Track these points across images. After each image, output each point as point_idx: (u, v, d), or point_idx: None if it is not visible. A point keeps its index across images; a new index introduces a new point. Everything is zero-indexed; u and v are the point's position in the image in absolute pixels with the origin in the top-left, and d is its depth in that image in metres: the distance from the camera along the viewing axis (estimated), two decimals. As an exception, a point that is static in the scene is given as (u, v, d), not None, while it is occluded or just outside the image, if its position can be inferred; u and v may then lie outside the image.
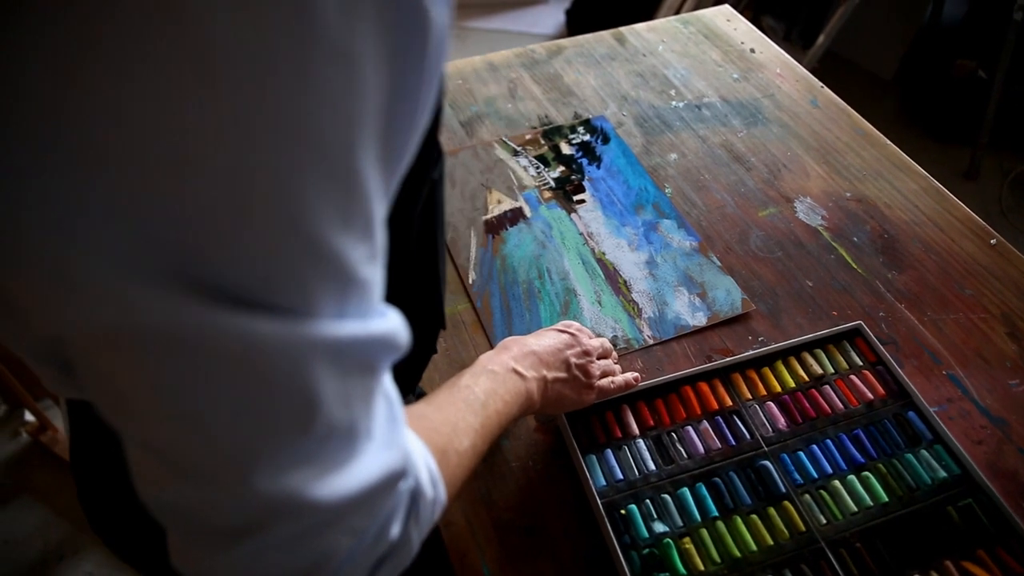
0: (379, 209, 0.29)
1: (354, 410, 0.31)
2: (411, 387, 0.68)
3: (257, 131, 0.23)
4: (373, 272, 0.30)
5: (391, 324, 0.32)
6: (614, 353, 0.78)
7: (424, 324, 0.61)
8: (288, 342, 0.27)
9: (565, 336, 0.71)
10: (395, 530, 0.35)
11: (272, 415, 0.28)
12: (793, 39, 2.74)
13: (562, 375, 0.68)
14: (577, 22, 2.94)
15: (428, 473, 0.40)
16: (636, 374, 0.76)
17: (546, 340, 0.70)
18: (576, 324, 0.75)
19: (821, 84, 1.24)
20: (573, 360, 0.69)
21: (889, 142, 1.13)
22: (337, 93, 0.24)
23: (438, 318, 0.64)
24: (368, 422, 0.32)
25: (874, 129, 1.15)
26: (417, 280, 0.58)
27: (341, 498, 0.31)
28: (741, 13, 1.43)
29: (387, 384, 0.35)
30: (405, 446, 0.36)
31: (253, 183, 0.24)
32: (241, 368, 0.26)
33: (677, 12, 2.49)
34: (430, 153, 0.45)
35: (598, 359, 0.73)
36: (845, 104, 1.20)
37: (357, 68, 0.24)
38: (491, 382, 0.61)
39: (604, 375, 0.73)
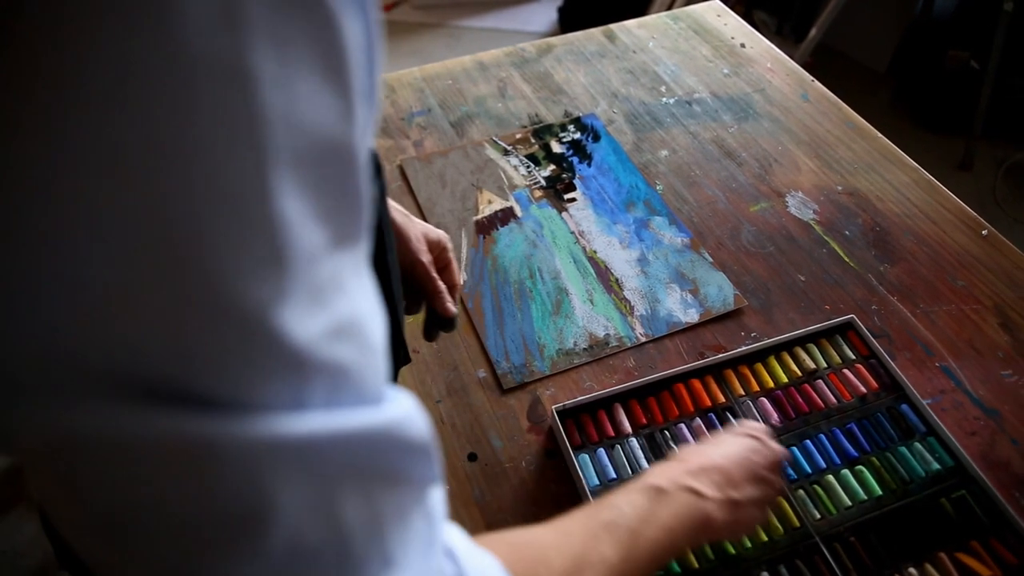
0: (331, 264, 0.23)
1: (347, 528, 0.25)
2: None
3: (140, 178, 0.19)
4: (342, 350, 0.24)
5: (390, 415, 0.26)
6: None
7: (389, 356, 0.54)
8: (227, 442, 0.22)
9: (751, 442, 0.60)
10: None
11: (213, 529, 0.23)
12: (785, 33, 2.74)
13: (755, 494, 0.57)
14: (570, 19, 2.93)
15: None
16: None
17: (731, 448, 0.59)
18: (758, 424, 0.64)
19: (812, 78, 1.24)
20: (763, 472, 0.59)
21: (880, 135, 1.13)
22: (230, 119, 0.20)
23: (400, 351, 0.55)
24: (382, 542, 0.26)
25: (865, 122, 1.15)
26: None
27: None
28: (733, 8, 1.43)
29: (431, 501, 0.29)
30: None
31: (146, 248, 0.20)
32: (171, 472, 0.22)
33: (669, 8, 2.49)
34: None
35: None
36: (836, 98, 1.20)
37: (253, 88, 0.20)
38: (650, 502, 0.50)
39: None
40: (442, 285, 0.69)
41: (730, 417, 0.77)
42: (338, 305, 0.24)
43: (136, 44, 0.18)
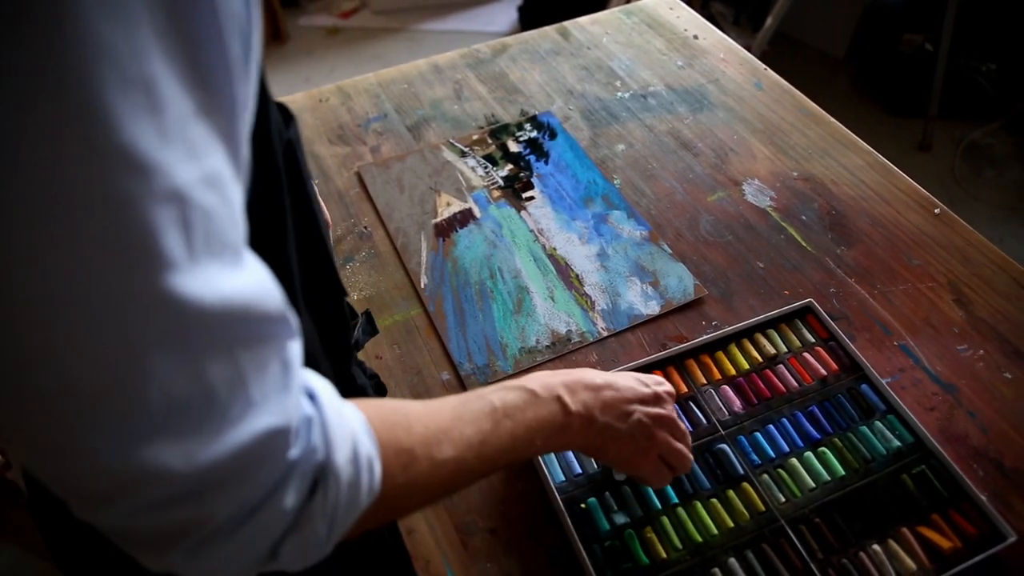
0: (201, 127, 0.28)
1: (210, 380, 0.29)
2: (345, 366, 0.62)
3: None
4: (211, 197, 0.28)
5: (250, 287, 0.31)
6: (689, 439, 0.68)
7: (322, 294, 0.55)
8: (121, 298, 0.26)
9: (644, 390, 0.64)
10: (288, 502, 0.34)
11: (95, 392, 0.27)
12: (742, 23, 2.77)
13: (617, 425, 0.60)
14: (530, 18, 2.94)
15: (352, 453, 0.38)
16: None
17: (620, 381, 0.63)
18: (668, 386, 0.67)
19: (764, 67, 1.25)
20: (638, 416, 0.61)
21: (833, 120, 1.14)
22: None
23: (334, 286, 0.57)
24: (245, 391, 0.31)
25: (818, 108, 1.16)
26: (302, 243, 0.50)
27: (202, 466, 0.30)
28: (690, 1, 1.44)
29: (288, 352, 0.34)
30: (293, 413, 0.34)
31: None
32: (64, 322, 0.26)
33: (627, 3, 2.51)
34: (266, 106, 0.42)
35: (673, 435, 0.65)
36: (789, 85, 1.21)
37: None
38: (520, 400, 0.55)
39: (670, 453, 0.64)
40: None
41: (693, 406, 0.77)
42: (206, 160, 0.27)
43: None
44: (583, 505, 0.70)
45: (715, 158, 1.08)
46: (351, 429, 0.39)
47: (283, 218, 0.45)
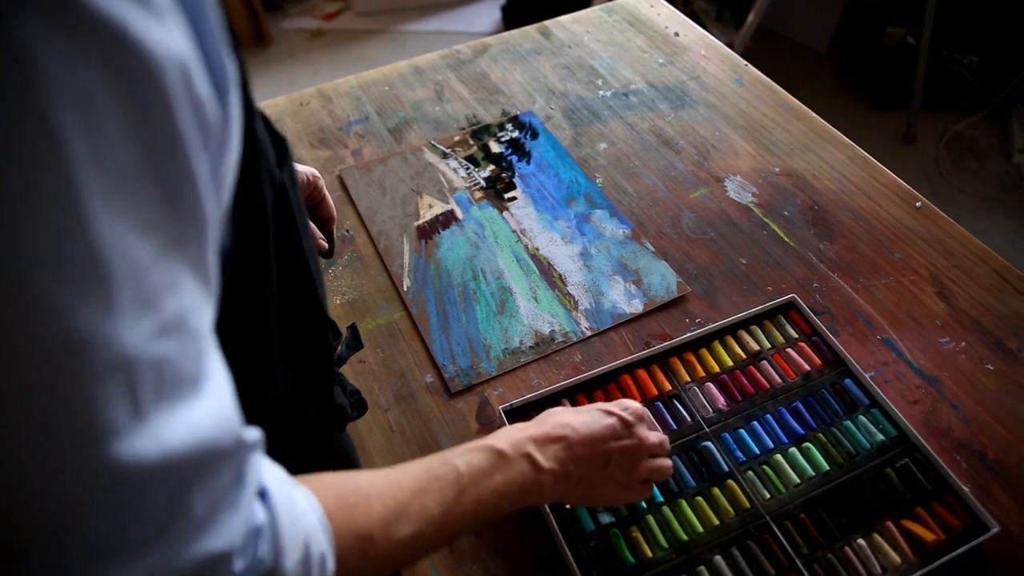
0: (165, 268, 0.26)
1: (152, 515, 0.28)
2: (325, 391, 0.61)
3: None
4: (167, 345, 0.27)
5: (204, 429, 0.29)
6: (667, 446, 0.67)
7: (308, 329, 0.54)
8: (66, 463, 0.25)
9: (613, 422, 0.61)
10: None
11: (26, 532, 0.26)
12: (725, 18, 2.77)
13: (595, 474, 0.58)
14: (513, 17, 2.94)
15: (303, 555, 0.36)
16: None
17: (588, 420, 0.60)
18: (636, 407, 0.64)
19: (745, 63, 1.25)
20: (615, 456, 0.59)
21: (815, 115, 1.14)
22: (41, 166, 0.22)
23: (321, 320, 0.57)
24: (189, 518, 0.29)
25: (799, 103, 1.16)
26: (287, 284, 0.50)
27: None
28: (667, -2, 1.44)
29: (243, 466, 0.32)
30: (238, 533, 0.32)
31: None
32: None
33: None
34: (255, 153, 0.40)
35: (651, 455, 0.63)
36: (770, 81, 1.21)
37: (59, 134, 0.22)
38: (486, 463, 0.52)
39: (652, 472, 0.63)
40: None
41: (677, 404, 0.77)
42: (167, 304, 0.26)
43: None
44: (568, 505, 0.70)
45: (697, 155, 1.08)
46: (304, 528, 0.37)
47: (266, 262, 0.44)
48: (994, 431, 0.75)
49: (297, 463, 0.55)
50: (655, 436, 0.65)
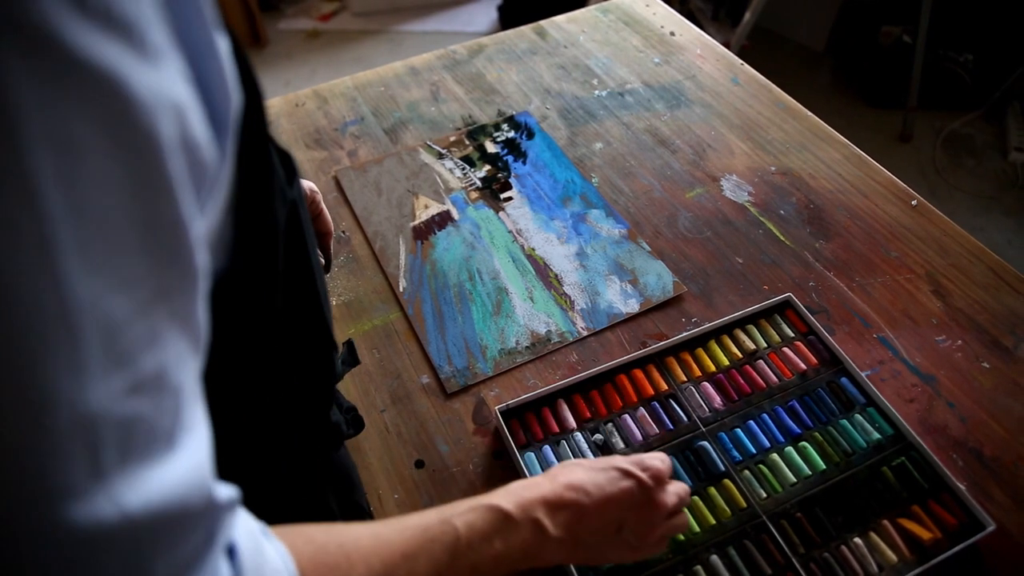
0: (146, 322, 0.25)
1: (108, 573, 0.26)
2: (323, 412, 0.61)
3: None
4: (138, 403, 0.25)
5: (170, 493, 0.27)
6: (687, 497, 0.61)
7: (314, 350, 0.54)
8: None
9: (631, 485, 0.55)
10: None
11: None
12: (721, 18, 2.77)
13: (604, 540, 0.55)
14: (509, 17, 2.94)
15: None
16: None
17: (603, 482, 0.55)
18: (656, 466, 0.57)
19: (741, 62, 1.25)
20: (629, 524, 0.55)
21: (810, 114, 1.14)
22: (12, 223, 0.21)
23: (327, 341, 0.56)
24: None
25: (795, 102, 1.16)
26: (296, 305, 0.49)
27: None
28: (665, -2, 1.44)
29: (213, 528, 0.30)
30: None
31: None
32: None
33: None
34: (266, 175, 0.39)
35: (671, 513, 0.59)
36: (765, 79, 1.21)
37: (33, 188, 0.21)
38: (488, 526, 0.48)
39: (670, 532, 0.59)
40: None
41: (674, 404, 0.77)
42: (145, 360, 0.25)
43: None
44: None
45: (693, 154, 1.08)
46: None
47: (275, 280, 0.43)
48: (990, 429, 0.75)
49: (293, 484, 0.55)
50: (673, 496, 0.58)
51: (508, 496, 0.51)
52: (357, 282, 0.92)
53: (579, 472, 0.55)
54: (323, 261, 0.77)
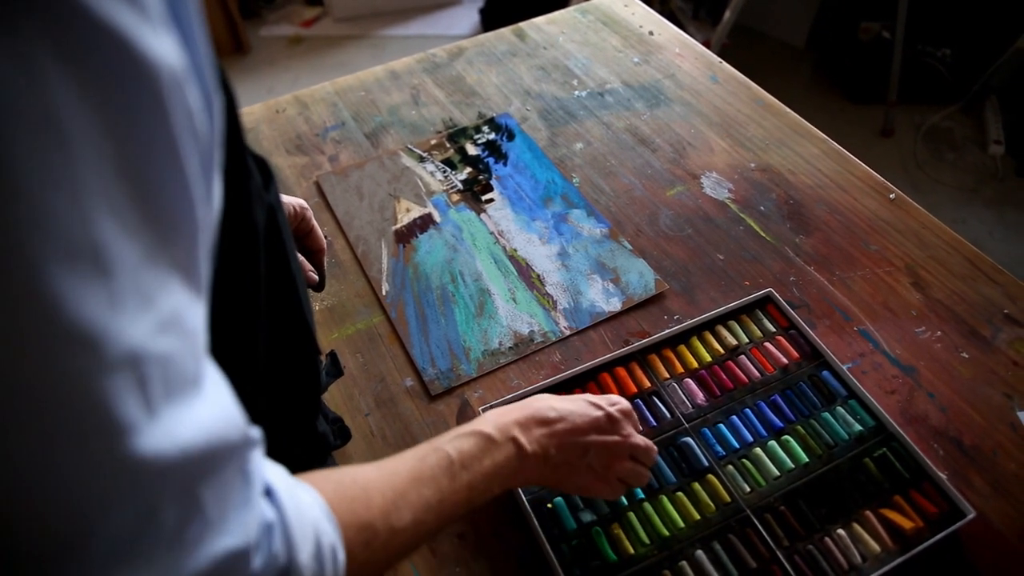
0: (155, 269, 0.26)
1: (166, 517, 0.28)
2: (309, 422, 0.62)
3: None
4: (168, 341, 0.27)
5: (211, 426, 0.29)
6: (654, 455, 0.66)
7: (298, 354, 0.55)
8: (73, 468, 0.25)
9: (599, 415, 0.62)
10: None
11: (41, 542, 0.26)
12: (702, 17, 2.79)
13: (573, 461, 0.60)
14: (491, 20, 2.94)
15: (315, 548, 0.37)
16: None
17: (574, 411, 0.61)
18: (623, 404, 0.65)
19: (720, 60, 1.26)
20: (594, 449, 0.61)
21: (789, 110, 1.15)
22: (46, 162, 0.22)
23: (310, 345, 0.57)
24: (203, 517, 0.30)
25: (774, 99, 1.17)
26: (279, 308, 0.51)
27: None
28: (646, -2, 1.44)
29: (249, 463, 0.33)
30: (252, 529, 0.32)
31: None
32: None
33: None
34: (242, 177, 0.41)
35: (631, 455, 0.64)
36: (744, 77, 1.22)
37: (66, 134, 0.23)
38: (476, 447, 0.54)
39: (627, 475, 0.64)
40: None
41: (657, 401, 0.77)
42: (163, 302, 0.26)
43: None
44: (549, 505, 0.70)
45: (673, 153, 1.08)
46: (312, 520, 0.38)
47: (256, 284, 0.44)
48: (970, 418, 0.76)
49: None
50: (640, 439, 0.64)
51: (487, 422, 0.57)
52: (340, 287, 0.92)
53: (551, 399, 0.62)
54: (316, 278, 0.75)
